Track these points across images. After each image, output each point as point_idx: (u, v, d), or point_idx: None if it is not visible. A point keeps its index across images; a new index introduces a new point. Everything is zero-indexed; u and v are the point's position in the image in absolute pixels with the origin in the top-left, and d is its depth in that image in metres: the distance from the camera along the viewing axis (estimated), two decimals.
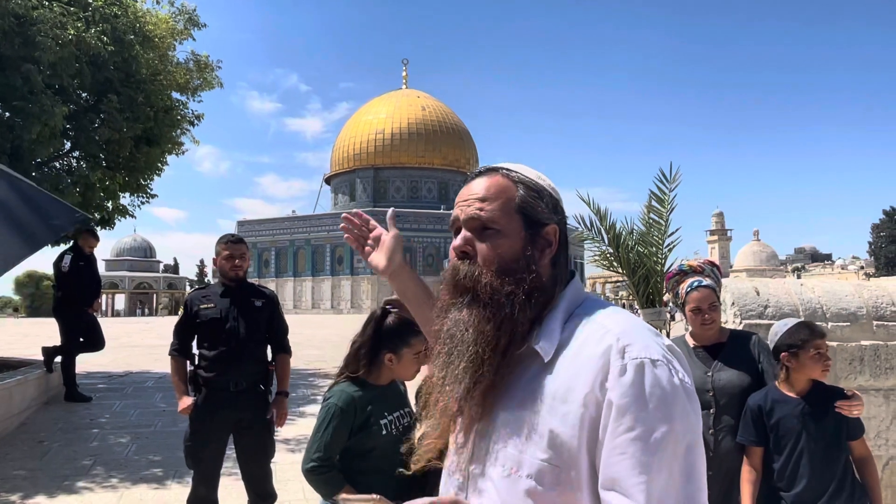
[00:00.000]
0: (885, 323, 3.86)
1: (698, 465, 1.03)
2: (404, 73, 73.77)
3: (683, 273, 3.17)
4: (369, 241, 1.63)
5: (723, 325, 3.30)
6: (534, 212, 1.19)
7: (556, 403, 1.07)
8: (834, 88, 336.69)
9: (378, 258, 1.60)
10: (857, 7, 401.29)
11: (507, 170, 1.24)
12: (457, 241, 1.20)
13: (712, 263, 3.26)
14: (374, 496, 1.06)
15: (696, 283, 3.06)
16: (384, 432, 2.51)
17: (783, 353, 2.86)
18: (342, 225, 1.65)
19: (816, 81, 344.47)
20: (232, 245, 4.12)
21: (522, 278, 1.14)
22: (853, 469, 2.83)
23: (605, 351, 1.06)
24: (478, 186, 1.21)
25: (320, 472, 2.50)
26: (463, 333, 1.13)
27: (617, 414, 1.01)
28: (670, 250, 6.54)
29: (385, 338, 2.59)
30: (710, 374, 3.00)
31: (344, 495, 1.09)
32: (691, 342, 3.15)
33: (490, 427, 1.13)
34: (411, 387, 2.65)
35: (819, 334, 2.85)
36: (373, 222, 1.65)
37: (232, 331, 4.04)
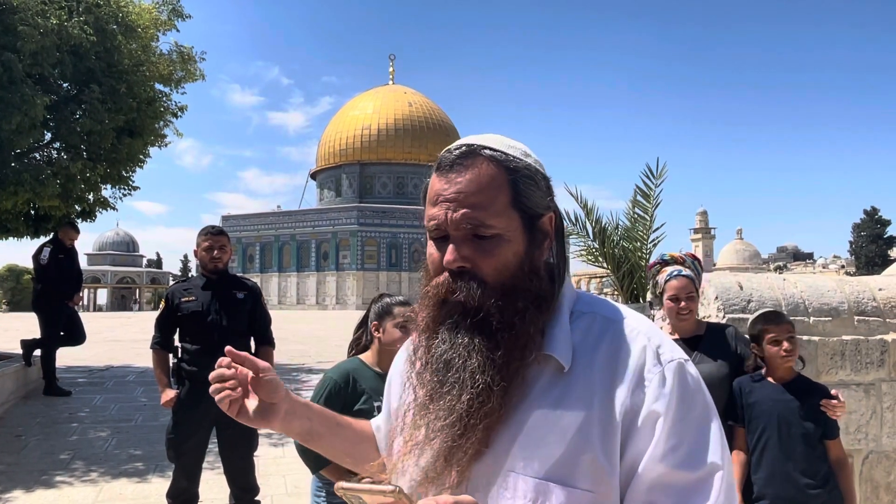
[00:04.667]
0: (867, 318, 3.89)
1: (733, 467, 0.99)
2: (391, 69, 73.59)
3: (665, 262, 3.20)
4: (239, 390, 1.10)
5: (701, 318, 3.32)
6: (531, 203, 1.01)
7: (588, 418, 0.93)
8: (817, 90, 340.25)
9: (261, 406, 1.11)
10: (841, 12, 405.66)
11: (492, 150, 1.01)
12: (449, 256, 0.98)
13: (694, 257, 3.29)
14: (391, 487, 0.88)
15: (675, 273, 3.09)
16: (376, 414, 2.53)
17: (752, 344, 2.98)
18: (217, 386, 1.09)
19: (800, 83, 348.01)
20: (212, 237, 4.08)
21: (530, 287, 0.99)
22: (830, 467, 2.84)
23: (640, 352, 0.96)
24: (463, 181, 0.98)
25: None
26: (465, 360, 0.96)
27: (663, 425, 0.92)
28: (655, 245, 6.57)
29: (374, 314, 2.75)
30: None
31: (346, 483, 0.90)
32: (668, 334, 3.16)
33: (490, 452, 0.95)
34: None
35: (773, 321, 2.90)
36: (243, 366, 1.10)
37: (214, 323, 4.01)
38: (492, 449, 0.95)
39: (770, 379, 2.91)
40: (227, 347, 1.12)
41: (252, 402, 1.10)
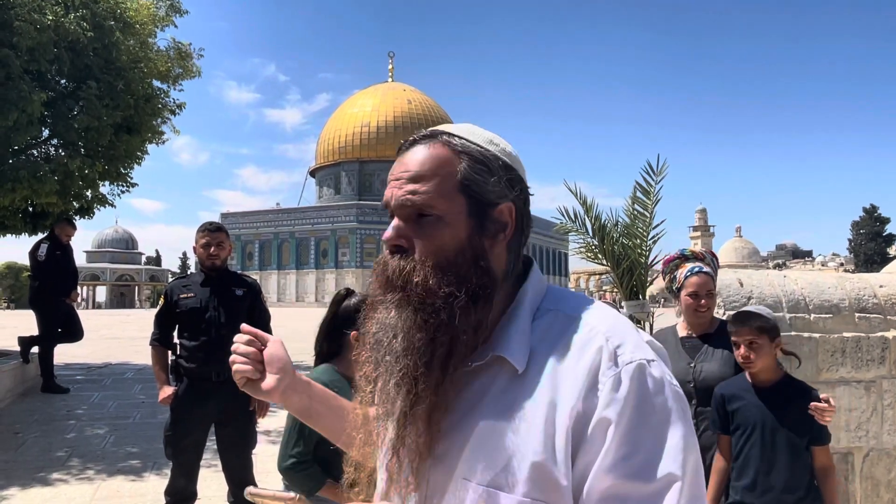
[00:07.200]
0: (867, 315, 3.87)
1: (702, 477, 0.89)
2: (390, 66, 73.47)
3: (684, 258, 3.14)
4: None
5: (715, 315, 3.28)
6: (481, 190, 0.97)
7: (538, 424, 0.88)
8: (816, 88, 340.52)
9: (270, 379, 1.16)
10: (838, 15, 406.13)
11: (449, 135, 1.00)
12: (388, 233, 0.99)
13: (712, 254, 3.25)
14: (293, 495, 0.95)
15: (696, 269, 3.03)
16: None
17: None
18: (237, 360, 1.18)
19: (799, 81, 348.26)
20: (209, 233, 4.05)
21: (466, 275, 0.94)
22: (813, 476, 2.71)
23: (594, 354, 0.89)
24: (412, 161, 0.98)
25: (301, 469, 2.41)
26: (391, 341, 0.95)
27: (615, 433, 0.85)
28: (654, 242, 6.52)
29: (348, 318, 2.49)
30: (693, 364, 2.99)
31: (253, 489, 1.01)
32: (682, 331, 3.11)
33: (447, 457, 0.93)
34: None
35: (736, 322, 2.76)
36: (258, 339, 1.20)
37: (212, 320, 3.99)
38: (447, 455, 0.92)
39: (752, 381, 2.77)
40: (243, 325, 1.22)
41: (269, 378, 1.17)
